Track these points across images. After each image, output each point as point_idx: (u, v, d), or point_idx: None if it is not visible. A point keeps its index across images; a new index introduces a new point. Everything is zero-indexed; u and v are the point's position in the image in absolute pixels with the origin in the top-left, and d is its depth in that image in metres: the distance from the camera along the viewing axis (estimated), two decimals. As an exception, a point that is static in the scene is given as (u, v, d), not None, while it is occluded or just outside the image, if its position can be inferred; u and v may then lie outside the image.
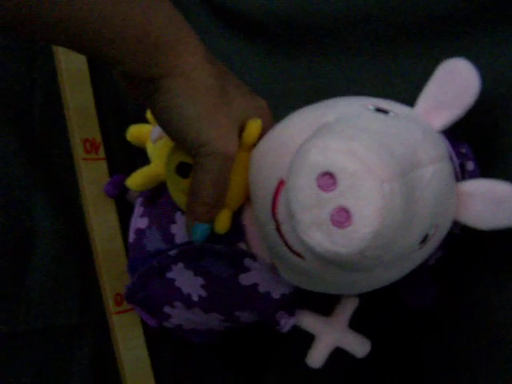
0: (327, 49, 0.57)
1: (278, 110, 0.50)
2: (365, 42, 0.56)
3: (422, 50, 0.54)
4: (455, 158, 0.46)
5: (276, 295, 0.51)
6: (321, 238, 0.37)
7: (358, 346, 0.52)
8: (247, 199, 0.48)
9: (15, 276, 0.60)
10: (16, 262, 0.61)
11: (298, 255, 0.42)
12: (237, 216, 0.49)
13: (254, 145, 0.47)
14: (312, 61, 0.58)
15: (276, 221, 0.43)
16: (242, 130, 0.47)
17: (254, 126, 0.46)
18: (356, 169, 0.36)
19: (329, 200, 0.36)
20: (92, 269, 0.62)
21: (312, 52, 0.58)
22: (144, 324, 0.62)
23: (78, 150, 0.61)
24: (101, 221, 0.62)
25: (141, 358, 0.63)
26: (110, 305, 0.61)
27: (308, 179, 0.37)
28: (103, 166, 0.63)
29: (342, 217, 0.36)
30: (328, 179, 0.37)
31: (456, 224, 0.44)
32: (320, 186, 0.37)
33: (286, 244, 0.43)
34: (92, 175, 0.62)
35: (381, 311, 0.57)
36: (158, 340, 0.64)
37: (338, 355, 0.52)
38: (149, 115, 0.57)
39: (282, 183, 0.42)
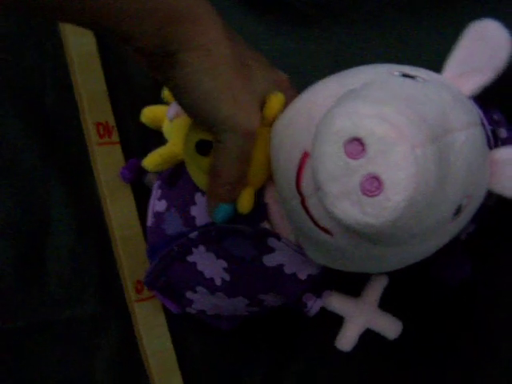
0: (346, 19, 0.56)
1: (299, 84, 0.48)
2: (385, 10, 0.54)
3: (445, 16, 0.52)
4: (487, 125, 0.44)
5: (302, 276, 0.49)
6: (350, 208, 0.35)
7: (389, 328, 0.51)
8: (269, 176, 0.46)
9: (32, 267, 0.60)
10: (33, 253, 0.60)
11: (326, 231, 0.41)
12: (259, 194, 0.47)
13: (276, 119, 0.46)
14: (330, 32, 0.56)
15: (301, 195, 0.41)
16: (263, 104, 0.45)
17: (275, 100, 0.45)
18: (386, 133, 0.34)
19: (358, 168, 0.34)
20: (110, 256, 0.61)
21: (330, 23, 0.56)
22: (167, 311, 0.61)
23: (91, 135, 0.60)
24: (118, 206, 0.60)
25: (165, 346, 0.61)
26: (131, 293, 0.60)
27: (335, 147, 0.35)
28: (118, 151, 0.61)
29: (372, 185, 0.34)
30: (356, 146, 0.34)
31: (489, 195, 0.42)
32: (348, 154, 0.35)
33: (313, 219, 0.41)
34: (107, 160, 0.60)
35: (411, 290, 0.56)
36: (181, 327, 0.63)
37: (369, 337, 0.50)
38: (166, 93, 0.56)
39: (306, 155, 0.40)
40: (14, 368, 0.59)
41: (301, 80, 0.49)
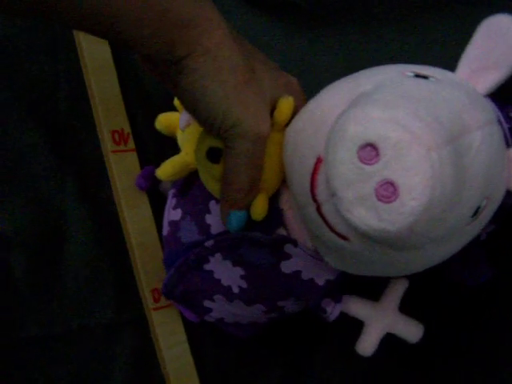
0: (355, 20, 0.55)
1: (309, 87, 0.47)
2: (395, 9, 0.53)
3: (458, 13, 0.51)
4: (504, 123, 0.43)
5: (320, 282, 0.48)
6: (366, 215, 0.35)
7: (410, 331, 0.50)
8: (283, 182, 0.46)
9: (49, 276, 0.60)
10: (48, 260, 0.60)
11: (342, 237, 0.40)
12: (273, 200, 0.47)
13: (287, 124, 0.45)
14: (340, 33, 0.56)
15: (316, 201, 0.40)
16: (273, 109, 0.44)
17: (285, 104, 0.44)
18: (400, 137, 0.33)
19: (372, 173, 0.34)
20: (127, 264, 0.61)
21: (340, 24, 0.56)
22: (184, 318, 0.61)
23: (107, 142, 0.59)
24: (134, 214, 0.60)
25: (183, 354, 0.61)
26: (148, 301, 0.60)
27: (348, 152, 0.34)
28: (133, 158, 0.61)
29: (387, 191, 0.34)
30: (370, 151, 0.34)
31: (508, 194, 0.42)
32: (362, 159, 0.34)
33: (329, 226, 0.40)
34: (122, 167, 0.60)
35: (431, 292, 0.55)
36: (199, 335, 0.63)
37: (389, 341, 0.50)
38: (176, 102, 0.55)
39: (320, 160, 0.40)
40: (29, 377, 0.59)
41: (311, 83, 0.48)
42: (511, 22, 0.40)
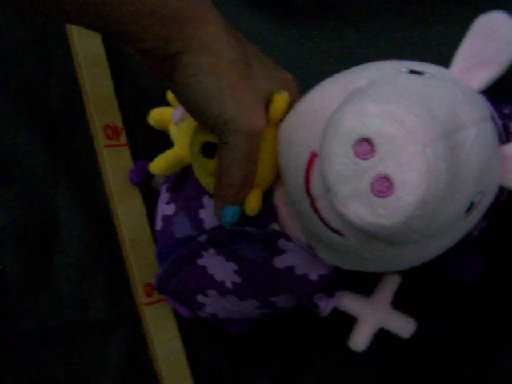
0: (351, 17, 0.55)
1: (304, 83, 0.47)
2: (390, 7, 0.53)
3: (453, 10, 0.51)
4: (498, 119, 0.43)
5: (314, 277, 0.48)
6: (361, 209, 0.35)
7: (403, 326, 0.50)
8: (277, 177, 0.46)
9: (42, 271, 0.59)
10: (42, 256, 0.60)
11: (336, 232, 0.40)
12: (267, 196, 0.47)
13: (282, 119, 0.45)
14: (335, 30, 0.56)
15: (310, 196, 0.40)
16: (268, 104, 0.44)
17: (280, 100, 0.44)
18: (395, 133, 0.33)
19: (367, 168, 0.34)
20: (120, 259, 0.61)
21: (335, 21, 0.56)
22: (177, 314, 0.61)
23: (99, 137, 0.59)
24: (126, 209, 0.60)
25: (175, 349, 0.61)
26: (141, 296, 0.60)
27: (344, 147, 0.35)
28: (126, 153, 0.61)
29: (382, 186, 0.34)
30: (365, 146, 0.34)
31: (501, 190, 0.42)
32: (357, 154, 0.34)
33: (323, 221, 0.40)
34: (115, 162, 0.60)
35: (424, 288, 0.55)
36: (192, 330, 0.63)
37: (382, 337, 0.50)
38: (170, 97, 0.55)
39: (314, 156, 0.40)
40: (21, 372, 0.58)
41: (306, 79, 0.48)
42: (504, 19, 0.40)
